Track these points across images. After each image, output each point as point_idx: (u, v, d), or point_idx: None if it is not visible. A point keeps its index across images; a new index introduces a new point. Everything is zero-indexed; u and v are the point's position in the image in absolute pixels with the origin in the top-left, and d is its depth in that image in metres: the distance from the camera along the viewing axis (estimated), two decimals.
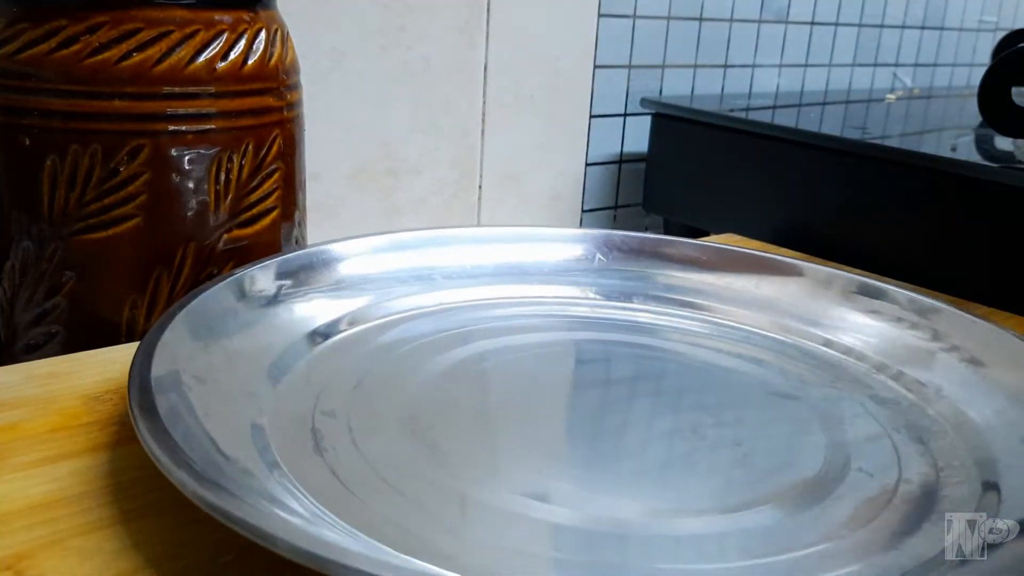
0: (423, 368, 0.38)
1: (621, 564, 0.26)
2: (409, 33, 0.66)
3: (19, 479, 0.28)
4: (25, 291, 0.42)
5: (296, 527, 0.23)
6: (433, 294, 0.45)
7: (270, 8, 0.45)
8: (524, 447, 0.32)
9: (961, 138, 0.76)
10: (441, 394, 0.36)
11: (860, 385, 0.39)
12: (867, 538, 0.27)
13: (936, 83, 1.21)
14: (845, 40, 1.04)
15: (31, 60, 0.39)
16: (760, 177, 0.70)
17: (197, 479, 0.23)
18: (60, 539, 0.25)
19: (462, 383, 0.37)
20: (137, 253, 0.41)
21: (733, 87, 0.93)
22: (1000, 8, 1.26)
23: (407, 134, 0.69)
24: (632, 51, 0.82)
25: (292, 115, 0.46)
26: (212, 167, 0.42)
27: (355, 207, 0.67)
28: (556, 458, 0.32)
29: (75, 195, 0.40)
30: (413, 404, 0.34)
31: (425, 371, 0.37)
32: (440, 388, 0.36)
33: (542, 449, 0.33)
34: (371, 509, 0.27)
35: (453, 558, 0.25)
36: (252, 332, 0.37)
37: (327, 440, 0.31)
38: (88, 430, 0.32)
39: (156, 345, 0.31)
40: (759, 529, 0.28)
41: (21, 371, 0.36)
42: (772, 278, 0.47)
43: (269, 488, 0.26)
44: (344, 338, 0.40)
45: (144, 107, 0.40)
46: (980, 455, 0.32)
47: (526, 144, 0.77)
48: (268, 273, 0.40)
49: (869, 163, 0.62)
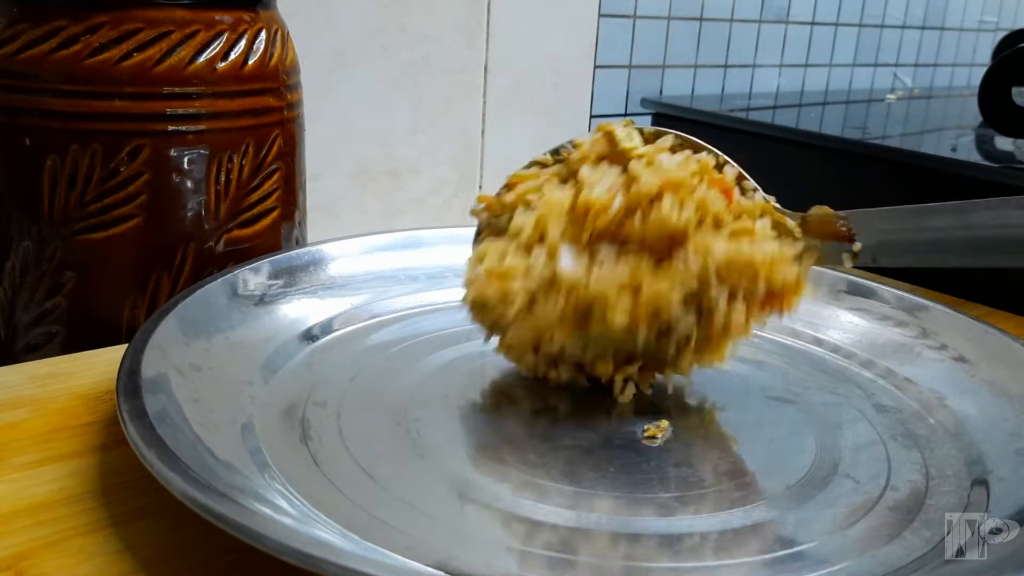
0: (415, 367, 0.38)
1: (610, 562, 0.26)
2: (409, 33, 0.66)
3: (20, 479, 0.28)
4: (25, 291, 0.42)
5: (286, 527, 0.23)
6: (427, 294, 0.45)
7: (270, 8, 0.45)
8: (518, 445, 0.32)
9: (961, 138, 0.76)
10: (433, 392, 0.36)
11: (852, 386, 0.39)
12: (844, 543, 0.27)
13: (936, 83, 1.21)
14: (845, 40, 1.04)
15: (31, 60, 0.39)
16: (761, 177, 0.70)
17: (187, 479, 0.23)
18: (61, 539, 0.25)
19: (453, 381, 0.37)
20: (137, 253, 0.41)
21: (733, 87, 0.93)
22: (1000, 8, 1.26)
23: (407, 134, 0.69)
24: (632, 51, 0.82)
25: (292, 115, 0.46)
26: (212, 167, 0.42)
27: (355, 207, 0.67)
28: (549, 456, 0.32)
29: (75, 195, 0.40)
30: (405, 402, 0.34)
31: (417, 370, 0.38)
32: (432, 386, 0.36)
33: (537, 448, 0.32)
34: (361, 508, 0.27)
35: (444, 557, 0.25)
36: (244, 332, 0.37)
37: (318, 440, 0.31)
38: (88, 430, 0.32)
39: (146, 346, 0.31)
40: (744, 529, 0.28)
41: (21, 371, 0.36)
42: None
43: (259, 488, 0.26)
44: (336, 338, 0.40)
45: (144, 107, 0.40)
46: (969, 453, 0.33)
47: (526, 144, 0.77)
48: (260, 273, 0.40)
49: (870, 163, 0.62)
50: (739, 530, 0.28)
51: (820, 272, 0.46)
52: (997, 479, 0.30)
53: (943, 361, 0.39)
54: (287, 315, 0.39)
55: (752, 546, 0.27)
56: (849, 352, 0.42)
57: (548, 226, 0.33)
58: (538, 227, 0.33)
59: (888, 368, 0.40)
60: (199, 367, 0.33)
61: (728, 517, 0.28)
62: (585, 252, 0.32)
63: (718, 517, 0.28)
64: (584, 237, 0.32)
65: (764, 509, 0.29)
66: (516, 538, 0.27)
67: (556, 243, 0.32)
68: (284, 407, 0.33)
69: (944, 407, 0.36)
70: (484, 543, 0.26)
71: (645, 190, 0.32)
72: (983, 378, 0.37)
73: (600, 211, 0.32)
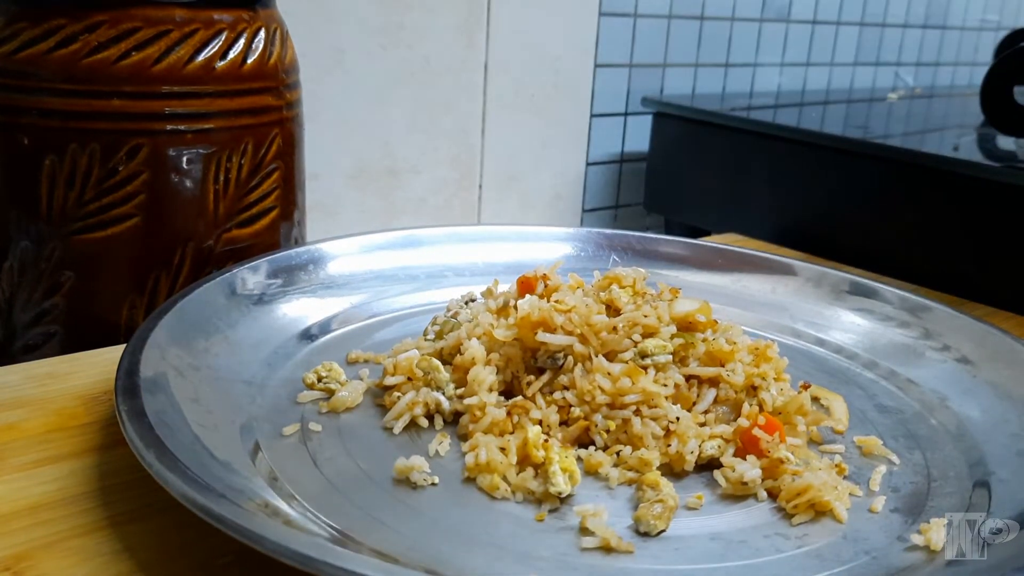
0: None
1: (609, 563, 0.26)
2: (409, 32, 0.66)
3: (18, 480, 0.28)
4: (24, 291, 0.41)
5: (284, 528, 0.23)
6: (427, 293, 0.45)
7: (269, 7, 0.45)
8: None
9: (963, 137, 0.76)
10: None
11: (854, 387, 0.39)
12: (845, 543, 0.27)
13: (938, 82, 1.20)
14: (847, 39, 1.04)
15: (30, 59, 0.39)
16: (762, 176, 0.70)
17: (185, 480, 0.23)
18: (59, 540, 0.25)
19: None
20: (136, 253, 0.41)
21: (734, 86, 0.93)
22: (1002, 7, 1.26)
23: (407, 133, 0.69)
24: (633, 50, 0.82)
25: (291, 114, 0.46)
26: (211, 167, 0.42)
27: (355, 207, 0.67)
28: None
29: (74, 195, 0.40)
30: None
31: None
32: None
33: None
34: (361, 509, 0.27)
35: (444, 557, 0.25)
36: (243, 331, 0.37)
37: (318, 440, 0.31)
38: (87, 431, 0.31)
39: (144, 345, 0.31)
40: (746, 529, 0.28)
41: (20, 371, 0.36)
42: (764, 276, 0.47)
43: (258, 489, 0.26)
44: (335, 337, 0.40)
45: (143, 106, 0.40)
46: (970, 455, 0.33)
47: (526, 144, 0.77)
48: (259, 272, 0.40)
49: (871, 162, 0.62)
50: (742, 529, 0.28)
51: (823, 272, 0.46)
52: (999, 481, 0.30)
53: (945, 362, 0.39)
54: (286, 314, 0.39)
55: (756, 546, 0.27)
56: (852, 353, 0.41)
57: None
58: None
59: (891, 369, 0.40)
60: (198, 367, 0.33)
61: (729, 518, 0.28)
62: None
63: (718, 518, 0.28)
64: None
65: (766, 510, 0.29)
66: (516, 538, 0.27)
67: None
68: (283, 407, 0.33)
69: (946, 408, 0.36)
70: (484, 544, 0.26)
71: None
72: (985, 379, 0.36)
73: None
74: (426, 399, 0.33)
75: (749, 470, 0.29)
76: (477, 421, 0.32)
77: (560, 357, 0.33)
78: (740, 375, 0.33)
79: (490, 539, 0.26)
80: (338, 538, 0.25)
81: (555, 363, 0.33)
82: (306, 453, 0.30)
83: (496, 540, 0.26)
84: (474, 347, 0.34)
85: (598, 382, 0.32)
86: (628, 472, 0.30)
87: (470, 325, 0.36)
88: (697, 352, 0.33)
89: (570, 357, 0.33)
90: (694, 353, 0.33)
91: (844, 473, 0.31)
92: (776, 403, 0.32)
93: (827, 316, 0.44)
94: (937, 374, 0.38)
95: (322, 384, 0.35)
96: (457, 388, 0.33)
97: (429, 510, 0.27)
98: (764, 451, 0.30)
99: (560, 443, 0.31)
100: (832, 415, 0.35)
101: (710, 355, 0.34)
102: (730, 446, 0.31)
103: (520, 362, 0.34)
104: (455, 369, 0.34)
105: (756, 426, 0.31)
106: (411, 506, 0.28)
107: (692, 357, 0.33)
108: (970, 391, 0.36)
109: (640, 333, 0.33)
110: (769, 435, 0.30)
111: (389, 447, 0.31)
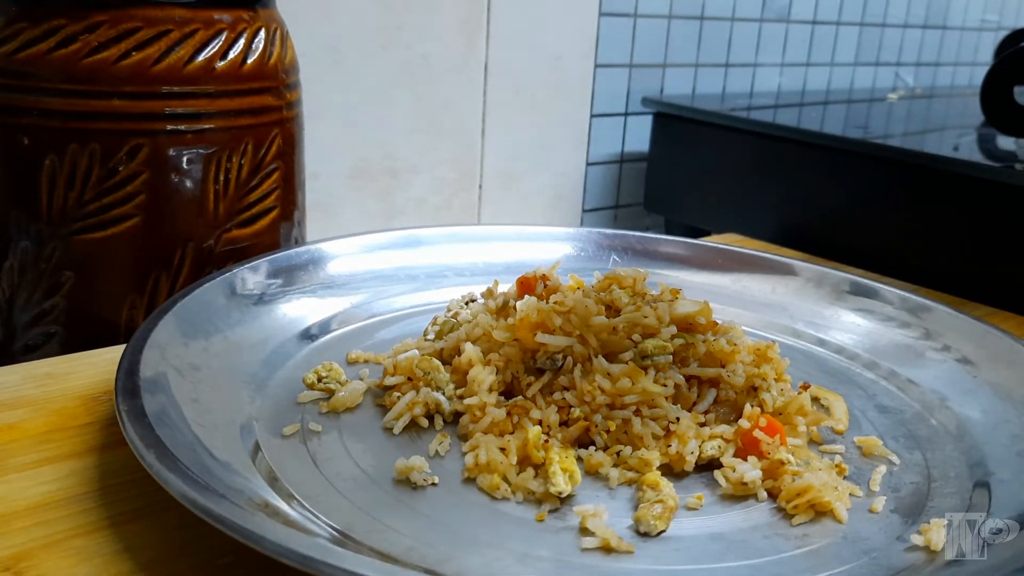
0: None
1: (609, 563, 0.26)
2: (409, 32, 0.66)
3: (18, 480, 0.28)
4: (24, 291, 0.41)
5: (284, 528, 0.23)
6: (427, 293, 0.44)
7: (269, 7, 0.45)
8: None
9: (963, 137, 0.76)
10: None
11: (854, 387, 0.39)
12: (845, 544, 0.27)
13: (938, 82, 1.20)
14: (847, 39, 1.04)
15: (30, 59, 0.39)
16: (762, 177, 0.70)
17: (185, 480, 0.23)
18: (59, 540, 0.25)
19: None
20: (136, 253, 0.41)
21: (734, 86, 0.93)
22: (1002, 7, 1.25)
23: (407, 134, 0.69)
24: (633, 50, 0.82)
25: (291, 114, 0.46)
26: (211, 167, 0.42)
27: (355, 207, 0.67)
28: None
29: (74, 195, 0.40)
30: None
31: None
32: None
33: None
34: (361, 509, 0.27)
35: (444, 557, 0.25)
36: (243, 331, 0.37)
37: (318, 440, 0.31)
38: (87, 431, 0.31)
39: (144, 345, 0.31)
40: (746, 529, 0.28)
41: (20, 371, 0.36)
42: (765, 276, 0.47)
43: (258, 489, 0.26)
44: (335, 337, 0.40)
45: (143, 106, 0.40)
46: (971, 455, 0.32)
47: (526, 144, 0.77)
48: (259, 272, 0.40)
49: (871, 162, 0.62)
50: (742, 530, 0.28)
51: (823, 272, 0.46)
52: (999, 481, 0.30)
53: (946, 362, 0.39)
54: (286, 314, 0.39)
55: (756, 546, 0.27)
56: (852, 353, 0.41)
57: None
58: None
59: (891, 369, 0.40)
60: (198, 367, 0.33)
61: (729, 518, 0.28)
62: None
63: (718, 518, 0.28)
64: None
65: (766, 510, 0.29)
66: (516, 539, 0.26)
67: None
68: (283, 407, 0.33)
69: (946, 408, 0.36)
70: (484, 544, 0.26)
71: None
72: (986, 380, 0.36)
73: None
74: (426, 399, 0.33)
75: (749, 471, 0.29)
76: (477, 421, 0.32)
77: (559, 358, 0.33)
78: (741, 376, 0.33)
79: (490, 539, 0.26)
80: (338, 538, 0.25)
81: (554, 364, 0.33)
82: (306, 453, 0.30)
83: (496, 540, 0.26)
84: (470, 350, 0.34)
85: (598, 382, 0.32)
86: (628, 472, 0.30)
87: (469, 326, 0.36)
88: (698, 352, 0.33)
89: (569, 358, 0.33)
90: (694, 353, 0.33)
91: (844, 473, 0.31)
92: (776, 403, 0.32)
93: (827, 316, 0.44)
94: (937, 374, 0.38)
95: (322, 384, 0.35)
96: (457, 388, 0.33)
97: (429, 510, 0.27)
98: (764, 453, 0.30)
99: (560, 443, 0.31)
100: (832, 415, 0.35)
101: (711, 356, 0.34)
102: (730, 446, 0.31)
103: (520, 363, 0.34)
104: (455, 370, 0.34)
105: (757, 428, 0.31)
106: (411, 506, 0.28)
107: (692, 358, 0.33)
108: (970, 391, 0.36)
109: (640, 333, 0.33)
110: (770, 437, 0.30)
111: (389, 447, 0.31)
